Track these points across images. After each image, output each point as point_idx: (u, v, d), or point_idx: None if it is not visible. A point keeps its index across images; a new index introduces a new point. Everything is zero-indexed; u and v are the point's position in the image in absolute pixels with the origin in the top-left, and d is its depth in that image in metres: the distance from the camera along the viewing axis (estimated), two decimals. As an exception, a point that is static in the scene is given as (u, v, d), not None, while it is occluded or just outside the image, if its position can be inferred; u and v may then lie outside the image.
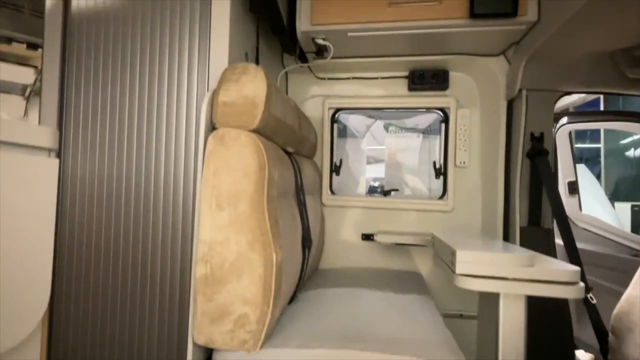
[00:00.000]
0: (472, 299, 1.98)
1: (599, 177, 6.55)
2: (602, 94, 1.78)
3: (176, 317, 1.17)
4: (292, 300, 1.45)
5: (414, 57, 1.88)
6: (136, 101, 1.28)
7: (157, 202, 1.19)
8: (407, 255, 2.02)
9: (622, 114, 2.30)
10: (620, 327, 1.43)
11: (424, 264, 2.02)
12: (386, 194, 2.09)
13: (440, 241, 1.44)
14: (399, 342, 1.07)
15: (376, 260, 2.06)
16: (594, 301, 1.59)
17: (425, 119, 2.27)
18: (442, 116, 2.04)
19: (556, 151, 2.59)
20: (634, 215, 5.48)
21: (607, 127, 2.47)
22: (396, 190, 2.12)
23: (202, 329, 1.04)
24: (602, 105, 5.83)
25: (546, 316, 1.71)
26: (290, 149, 1.55)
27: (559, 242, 1.72)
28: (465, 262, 1.03)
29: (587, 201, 3.04)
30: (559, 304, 1.72)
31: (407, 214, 2.04)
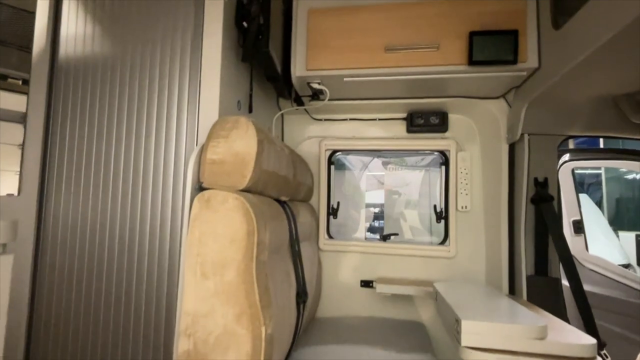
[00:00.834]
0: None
1: (600, 204, 6.45)
2: (605, 137, 1.73)
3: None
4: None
5: (412, 100, 1.84)
6: (122, 154, 1.23)
7: (140, 268, 1.12)
8: (408, 302, 1.92)
9: (625, 152, 2.25)
10: None
11: (426, 311, 1.92)
12: (385, 238, 2.01)
13: (442, 299, 1.36)
14: None
15: (376, 307, 1.96)
16: (608, 359, 1.49)
17: (427, 156, 2.22)
18: (442, 158, 1.98)
19: (559, 189, 2.53)
20: (638, 245, 5.36)
21: (611, 165, 2.41)
22: (395, 234, 2.04)
23: None
24: (601, 140, 5.80)
25: None
26: (284, 198, 1.48)
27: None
28: (471, 333, 0.95)
29: (592, 233, 2.96)
30: None
31: (407, 260, 1.96)
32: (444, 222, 1.96)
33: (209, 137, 1.09)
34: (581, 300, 1.58)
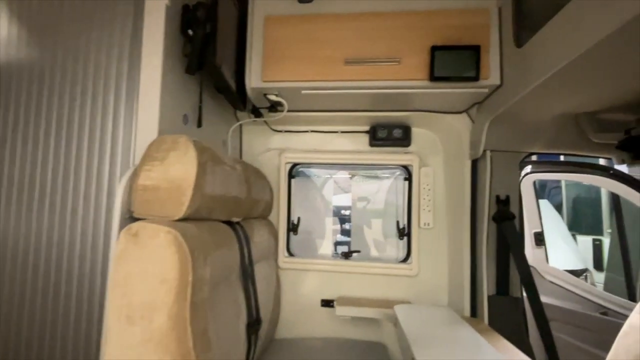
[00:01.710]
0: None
1: (560, 208, 6.62)
2: (567, 155, 1.72)
3: None
4: None
5: (375, 113, 1.77)
6: (48, 176, 1.09)
7: (54, 311, 0.98)
8: (370, 322, 1.85)
9: (587, 165, 2.27)
10: None
11: (388, 332, 1.85)
12: (347, 256, 1.94)
13: (401, 330, 1.29)
14: None
15: (337, 328, 1.88)
16: None
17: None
18: (406, 173, 1.93)
19: (521, 203, 2.54)
20: (595, 249, 5.55)
21: (573, 179, 2.44)
22: (358, 252, 1.97)
23: None
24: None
25: None
26: (236, 219, 1.38)
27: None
28: None
29: (551, 240, 3.00)
30: None
31: (370, 278, 1.89)
32: (406, 239, 1.90)
33: (142, 159, 0.97)
34: (542, 322, 1.56)
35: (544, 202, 2.94)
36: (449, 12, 1.41)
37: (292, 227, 1.98)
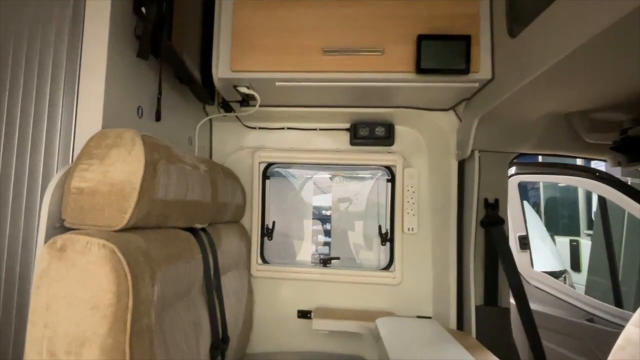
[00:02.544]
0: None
1: (538, 210, 6.65)
2: (558, 156, 1.63)
3: None
4: None
5: (355, 109, 1.64)
6: None
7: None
8: (349, 334, 1.72)
9: (573, 167, 2.20)
10: None
11: (369, 345, 1.73)
12: (326, 263, 1.80)
13: (383, 348, 1.16)
14: None
15: (314, 341, 1.74)
16: None
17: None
18: (389, 174, 1.80)
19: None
20: (572, 250, 5.59)
21: (558, 181, 2.37)
22: (337, 258, 1.83)
23: None
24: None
25: None
26: (199, 225, 1.22)
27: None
28: None
29: (532, 242, 2.95)
30: None
31: (350, 287, 1.75)
32: (389, 244, 1.78)
33: (78, 157, 0.81)
34: (533, 334, 1.46)
35: (524, 204, 2.88)
36: None
37: (267, 232, 1.83)
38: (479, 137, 1.45)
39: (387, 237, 1.77)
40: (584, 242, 5.45)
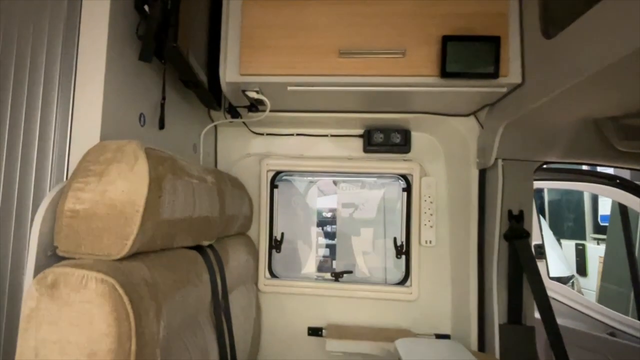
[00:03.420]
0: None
1: (543, 212, 6.55)
2: (586, 164, 1.54)
3: None
4: None
5: (370, 114, 1.55)
6: None
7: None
8: (363, 354, 1.62)
9: (594, 174, 2.11)
10: None
11: (385, 363, 1.63)
12: (337, 277, 1.70)
13: None
14: None
15: (326, 359, 1.64)
16: None
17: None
18: (404, 184, 1.71)
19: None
20: (578, 254, 5.50)
21: (578, 188, 2.28)
22: (349, 272, 1.73)
23: None
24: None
25: None
26: (206, 242, 1.13)
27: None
28: None
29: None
30: None
31: (363, 302, 1.66)
32: (404, 258, 1.68)
33: (73, 174, 0.72)
34: (560, 354, 1.37)
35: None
36: None
37: (275, 244, 1.73)
38: (503, 145, 1.35)
39: (402, 250, 1.67)
40: (590, 246, 5.37)
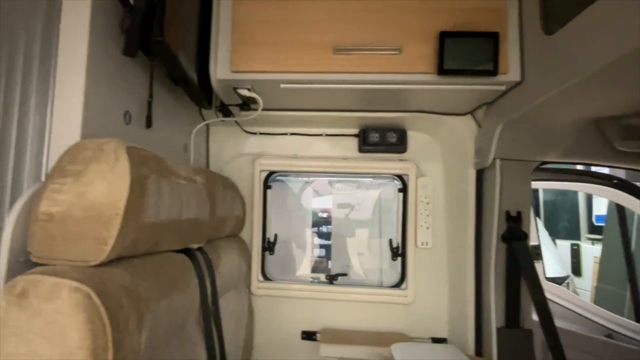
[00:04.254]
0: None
1: (538, 211, 6.54)
2: (585, 164, 1.52)
3: None
4: None
5: (365, 113, 1.51)
6: None
7: None
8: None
9: (591, 175, 2.08)
10: None
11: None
12: (332, 279, 1.67)
13: None
14: None
15: None
16: None
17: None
18: (400, 184, 1.67)
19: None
20: (573, 254, 5.51)
21: (575, 188, 2.26)
22: (344, 274, 1.70)
23: None
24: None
25: None
26: (195, 245, 1.08)
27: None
28: None
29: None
30: None
31: (358, 306, 1.62)
32: (400, 260, 1.64)
33: (49, 175, 0.67)
34: (558, 357, 1.34)
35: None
36: None
37: (268, 246, 1.69)
38: (501, 145, 1.32)
39: (398, 252, 1.64)
40: (584, 246, 5.37)
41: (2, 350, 0.53)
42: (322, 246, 1.85)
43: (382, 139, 1.60)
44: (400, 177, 1.66)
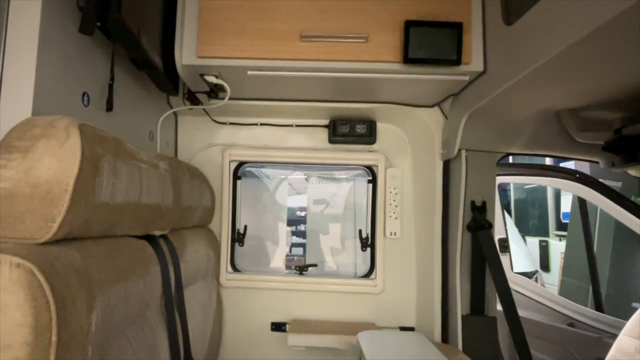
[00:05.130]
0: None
1: (509, 208, 6.71)
2: (547, 156, 1.56)
3: None
4: None
5: (335, 104, 1.51)
6: None
7: None
8: (328, 349, 1.59)
9: (555, 169, 2.15)
10: None
11: (351, 358, 1.60)
12: (302, 270, 1.66)
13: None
14: None
15: (290, 356, 1.60)
16: None
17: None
18: (370, 175, 1.68)
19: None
20: (542, 250, 5.69)
21: (539, 182, 2.33)
22: (314, 265, 1.70)
23: None
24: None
25: None
26: (159, 232, 1.06)
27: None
28: None
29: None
30: None
31: (328, 296, 1.62)
32: (369, 250, 1.66)
33: None
34: (522, 346, 1.38)
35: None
36: None
37: (238, 237, 1.68)
38: (466, 136, 1.35)
39: (367, 242, 1.65)
40: (553, 243, 5.56)
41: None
42: (297, 244, 1.85)
43: (352, 130, 1.61)
44: (369, 168, 1.67)
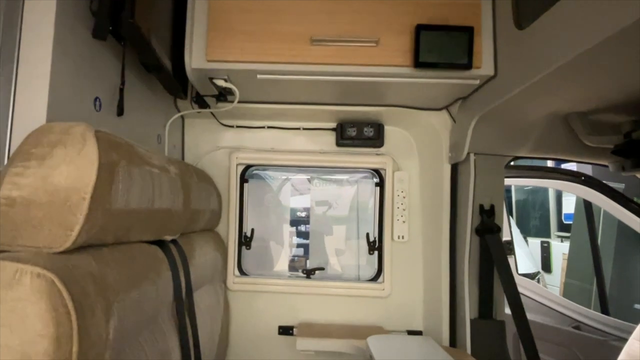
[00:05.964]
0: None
1: (510, 210, 6.71)
2: (555, 159, 1.56)
3: None
4: None
5: (343, 107, 1.51)
6: None
7: None
8: (336, 353, 1.58)
9: (560, 171, 2.15)
10: None
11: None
12: (309, 274, 1.66)
13: None
14: None
15: (297, 359, 1.60)
16: None
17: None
18: (377, 178, 1.68)
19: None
20: (543, 251, 5.69)
21: (544, 185, 2.33)
22: (321, 269, 1.69)
23: None
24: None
25: None
26: (169, 237, 1.06)
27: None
28: None
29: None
30: None
31: (335, 300, 1.62)
32: (377, 254, 1.65)
33: (11, 158, 0.64)
34: (529, 347, 1.37)
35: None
36: None
37: (245, 241, 1.67)
38: (475, 139, 1.34)
39: (375, 246, 1.65)
40: (554, 244, 5.56)
41: (-44, 338, 0.50)
42: (300, 245, 1.84)
43: (359, 134, 1.60)
44: (377, 171, 1.67)
